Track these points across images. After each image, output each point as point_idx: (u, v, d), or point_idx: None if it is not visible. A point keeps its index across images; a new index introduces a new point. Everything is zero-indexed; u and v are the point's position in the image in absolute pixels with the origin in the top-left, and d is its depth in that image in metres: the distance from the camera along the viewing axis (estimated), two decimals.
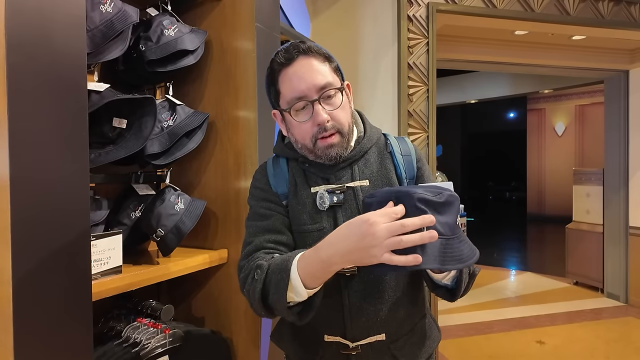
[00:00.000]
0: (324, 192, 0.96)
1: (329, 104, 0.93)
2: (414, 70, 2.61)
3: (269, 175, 1.03)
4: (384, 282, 0.96)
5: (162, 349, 1.16)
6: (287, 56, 0.92)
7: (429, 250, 0.74)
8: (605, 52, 4.12)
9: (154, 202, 1.25)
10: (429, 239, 0.71)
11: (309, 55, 0.93)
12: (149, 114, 1.20)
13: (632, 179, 4.30)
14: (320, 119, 0.91)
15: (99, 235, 1.03)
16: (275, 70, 0.94)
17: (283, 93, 0.94)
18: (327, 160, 0.96)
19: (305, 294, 0.81)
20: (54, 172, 0.79)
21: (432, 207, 0.76)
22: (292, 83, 0.92)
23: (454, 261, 0.75)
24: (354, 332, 0.95)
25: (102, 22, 1.10)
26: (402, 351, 0.99)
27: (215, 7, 1.43)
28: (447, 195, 0.78)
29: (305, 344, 1.02)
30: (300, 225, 0.98)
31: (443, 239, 0.75)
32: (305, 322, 0.86)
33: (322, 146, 0.93)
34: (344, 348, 0.96)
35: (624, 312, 4.12)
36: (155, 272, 1.15)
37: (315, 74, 0.91)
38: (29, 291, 0.75)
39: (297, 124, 0.94)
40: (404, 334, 1.00)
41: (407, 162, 1.02)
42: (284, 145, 1.05)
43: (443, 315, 3.89)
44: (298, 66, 0.92)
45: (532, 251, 7.60)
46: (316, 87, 0.91)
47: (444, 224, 0.77)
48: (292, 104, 0.92)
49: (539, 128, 10.16)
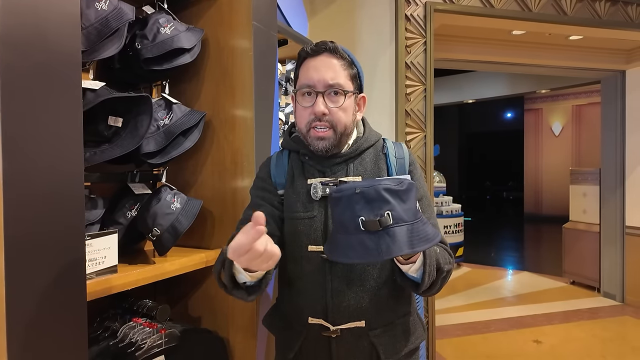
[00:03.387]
0: (318, 183, 1.05)
1: (331, 101, 1.02)
2: (412, 69, 2.61)
3: (271, 166, 1.14)
4: (366, 271, 1.03)
5: (158, 348, 1.15)
6: (315, 49, 1.04)
7: (397, 238, 0.79)
8: (602, 52, 4.13)
9: (150, 202, 1.24)
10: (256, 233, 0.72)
11: (332, 55, 1.04)
12: (145, 112, 1.19)
13: (628, 178, 4.32)
14: (317, 108, 1.01)
15: (94, 235, 1.02)
16: (301, 57, 1.07)
17: (300, 79, 1.06)
18: (316, 150, 1.05)
19: (247, 276, 0.91)
20: (48, 171, 0.78)
21: (397, 195, 0.82)
22: (308, 72, 1.04)
23: (422, 242, 0.81)
24: (334, 316, 1.01)
25: (98, 19, 1.09)
26: (380, 340, 1.03)
27: (212, 6, 1.42)
28: (408, 183, 0.84)
29: (291, 326, 1.09)
30: (293, 212, 1.06)
31: (408, 225, 0.81)
32: (251, 299, 0.96)
33: (312, 136, 1.03)
34: (325, 330, 1.03)
35: (620, 312, 4.13)
36: (151, 271, 1.14)
37: (330, 71, 1.02)
38: (22, 290, 0.75)
39: (300, 108, 1.06)
40: (384, 324, 1.05)
41: (400, 164, 1.11)
42: (290, 139, 1.15)
43: (440, 315, 3.89)
44: (319, 60, 1.03)
45: (529, 251, 7.62)
46: (326, 82, 1.01)
47: (407, 210, 0.82)
48: (300, 89, 1.04)
49: (536, 128, 10.19)
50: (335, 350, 1.03)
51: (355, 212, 0.82)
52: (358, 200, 0.82)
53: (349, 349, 1.02)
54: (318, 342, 1.04)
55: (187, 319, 1.45)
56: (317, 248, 1.03)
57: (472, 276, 5.52)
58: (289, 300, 1.11)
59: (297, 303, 1.07)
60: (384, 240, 0.79)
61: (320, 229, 1.04)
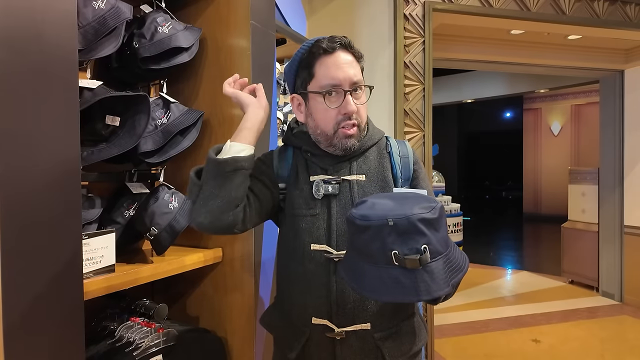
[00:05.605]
0: (320, 181, 1.03)
1: (356, 98, 1.02)
2: (410, 69, 2.60)
3: (273, 156, 1.12)
4: None
5: (156, 348, 1.15)
6: (330, 45, 1.00)
7: (436, 274, 0.72)
8: (600, 52, 4.13)
9: (148, 201, 1.24)
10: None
11: (348, 51, 1.02)
12: (143, 111, 1.19)
13: (627, 178, 4.32)
14: (350, 108, 0.99)
15: (92, 234, 1.02)
16: (314, 55, 1.01)
17: (318, 78, 1.01)
18: (342, 150, 1.03)
19: (243, 143, 0.98)
20: (45, 170, 0.78)
21: (432, 226, 0.74)
22: (329, 71, 0.99)
23: (456, 272, 0.75)
24: (339, 318, 1.00)
25: (95, 18, 1.09)
26: (386, 343, 1.01)
27: (210, 5, 1.42)
28: (440, 209, 0.77)
29: (293, 326, 1.06)
30: (296, 209, 1.05)
31: (444, 257, 0.74)
32: (240, 180, 0.97)
33: (342, 135, 1.01)
34: (330, 332, 1.00)
35: (618, 311, 4.14)
36: (149, 270, 1.14)
37: (352, 69, 1.01)
38: (19, 290, 0.74)
39: (323, 110, 1.01)
40: (390, 327, 1.03)
41: (404, 163, 1.09)
42: (292, 134, 1.13)
43: (439, 314, 3.89)
44: (338, 57, 1.00)
45: (528, 250, 7.63)
46: (351, 80, 1.00)
47: (441, 239, 0.75)
48: (325, 89, 1.00)
49: (535, 127, 10.20)
50: (340, 352, 1.00)
51: (387, 245, 0.74)
52: (390, 232, 0.74)
53: (353, 351, 1.00)
54: (322, 344, 1.02)
55: (184, 319, 1.45)
56: (321, 247, 1.01)
57: (471, 275, 5.51)
58: (290, 299, 1.08)
59: (299, 302, 1.04)
60: (422, 277, 0.71)
61: (323, 227, 1.02)
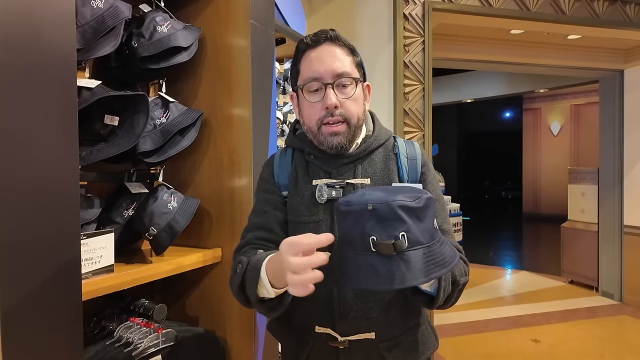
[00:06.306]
0: (324, 185, 0.97)
1: (341, 92, 0.95)
2: (410, 68, 2.60)
3: (274, 165, 1.07)
4: None
5: (155, 348, 1.14)
6: (314, 39, 0.96)
7: (412, 264, 0.71)
8: (600, 52, 4.13)
9: (147, 201, 1.24)
10: (320, 262, 0.72)
11: (334, 43, 0.97)
12: (142, 111, 1.18)
13: (626, 178, 4.32)
14: (329, 102, 0.93)
15: (91, 234, 1.02)
16: (300, 50, 0.99)
17: (302, 72, 0.98)
18: (329, 148, 0.97)
19: (272, 292, 0.85)
20: (43, 170, 0.78)
21: (413, 214, 0.73)
22: (312, 64, 0.96)
23: (438, 267, 0.73)
24: (343, 327, 0.96)
25: (93, 17, 1.08)
26: (391, 353, 0.98)
27: (210, 4, 1.41)
28: (426, 199, 0.75)
29: (298, 334, 1.03)
30: (297, 216, 0.99)
31: (425, 248, 0.73)
32: (274, 316, 0.91)
33: (326, 132, 0.95)
34: (333, 341, 0.97)
35: (618, 311, 4.14)
36: (148, 271, 1.14)
37: (336, 60, 0.95)
38: (17, 290, 0.74)
39: (307, 105, 0.97)
40: (395, 336, 0.99)
41: (412, 165, 1.03)
42: (294, 136, 1.08)
43: (439, 314, 3.89)
44: (321, 50, 0.96)
45: (527, 250, 7.63)
46: (333, 72, 0.94)
47: (424, 230, 0.74)
48: (306, 83, 0.96)
49: (535, 127, 10.20)
50: None
51: (366, 231, 0.73)
52: (369, 218, 0.73)
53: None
54: (325, 353, 0.98)
55: (184, 319, 1.44)
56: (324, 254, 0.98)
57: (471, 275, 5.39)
58: (294, 307, 1.02)
59: (302, 310, 0.99)
60: (398, 266, 0.71)
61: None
